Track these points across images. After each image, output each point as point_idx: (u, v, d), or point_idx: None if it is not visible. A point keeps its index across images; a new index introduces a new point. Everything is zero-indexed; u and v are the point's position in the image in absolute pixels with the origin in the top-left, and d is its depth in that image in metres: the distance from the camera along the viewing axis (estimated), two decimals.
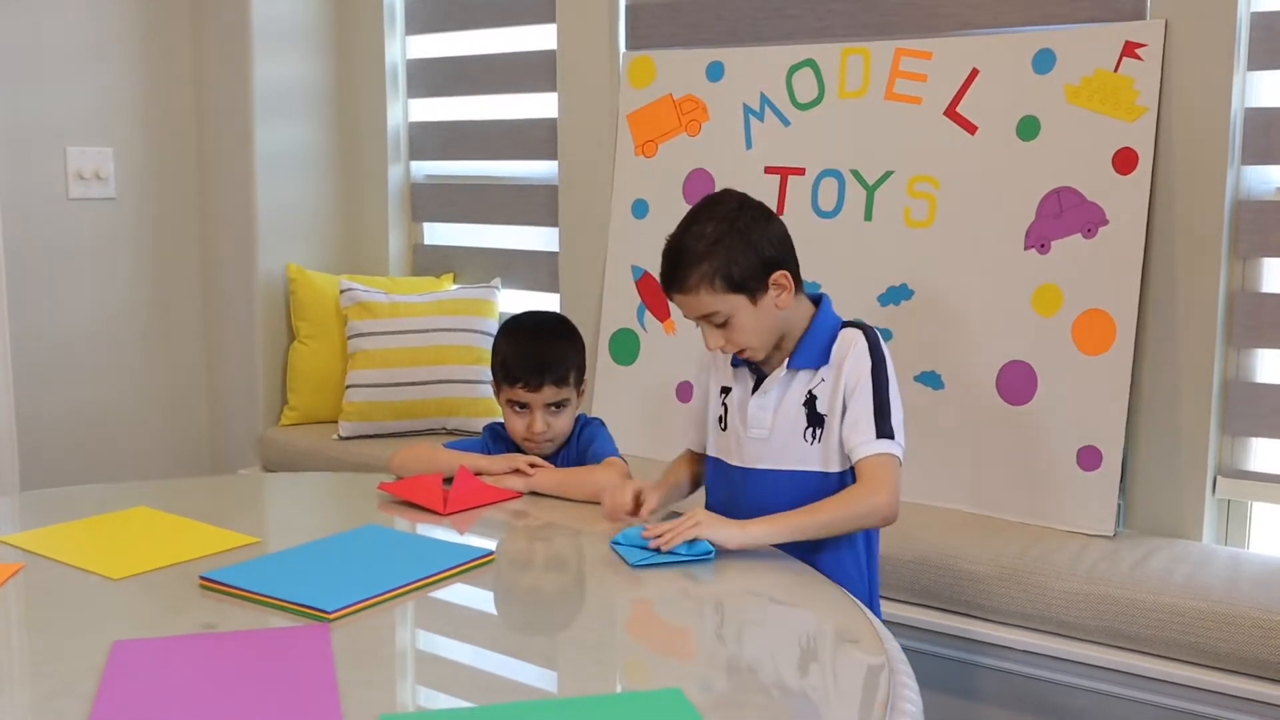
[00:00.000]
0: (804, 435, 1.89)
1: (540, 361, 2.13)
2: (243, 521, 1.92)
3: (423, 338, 3.26)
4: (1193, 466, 2.42)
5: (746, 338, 1.86)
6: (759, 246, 1.85)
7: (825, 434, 1.88)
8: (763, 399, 1.92)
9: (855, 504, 1.81)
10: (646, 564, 1.75)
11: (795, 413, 1.89)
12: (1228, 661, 2.07)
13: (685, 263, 1.84)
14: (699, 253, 1.83)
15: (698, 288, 1.83)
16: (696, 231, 1.85)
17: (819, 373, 1.89)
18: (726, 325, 1.85)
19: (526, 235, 3.44)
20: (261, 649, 1.42)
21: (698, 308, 1.86)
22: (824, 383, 1.88)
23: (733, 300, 1.84)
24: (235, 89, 3.44)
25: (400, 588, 1.61)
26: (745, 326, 1.85)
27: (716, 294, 1.83)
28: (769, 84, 2.86)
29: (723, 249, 1.83)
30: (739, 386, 1.96)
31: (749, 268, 1.84)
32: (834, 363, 1.88)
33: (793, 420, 1.90)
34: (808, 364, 1.89)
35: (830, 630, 1.60)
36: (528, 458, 2.13)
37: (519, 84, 3.38)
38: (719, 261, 1.82)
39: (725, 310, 1.84)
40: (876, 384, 1.85)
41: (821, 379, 1.88)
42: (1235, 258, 2.41)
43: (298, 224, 3.55)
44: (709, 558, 1.76)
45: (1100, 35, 2.45)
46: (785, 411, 1.90)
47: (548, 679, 1.45)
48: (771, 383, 1.91)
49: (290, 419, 3.44)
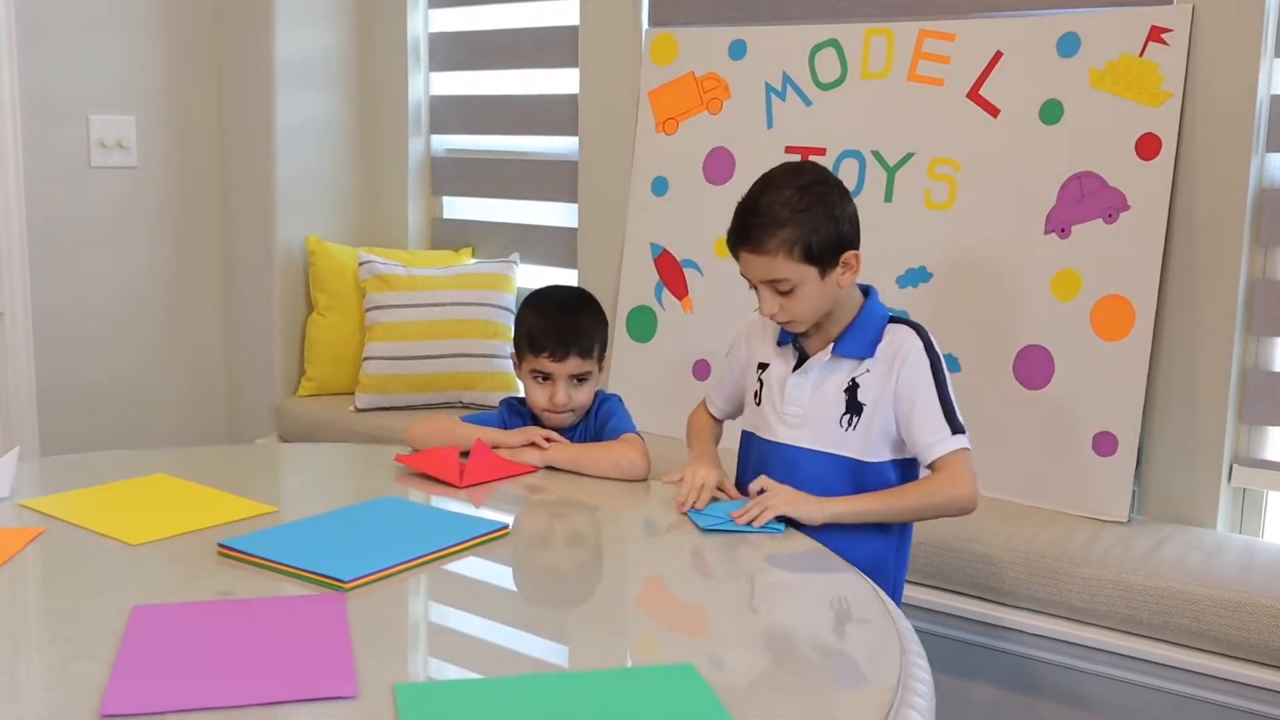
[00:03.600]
0: (840, 420, 1.89)
1: (566, 332, 2.13)
2: (260, 490, 1.93)
3: (441, 311, 3.26)
4: (1209, 454, 2.41)
5: (803, 309, 1.85)
6: (839, 221, 1.84)
7: (862, 423, 1.88)
8: (802, 378, 1.92)
9: (938, 493, 1.84)
10: (716, 529, 1.80)
11: (834, 397, 1.89)
12: (1240, 649, 2.07)
13: (766, 224, 1.81)
14: (782, 218, 1.81)
15: (776, 252, 1.81)
16: (781, 196, 1.82)
17: (864, 363, 1.88)
18: (789, 294, 1.83)
19: (546, 211, 3.44)
20: (278, 616, 1.42)
21: (768, 271, 1.83)
22: (869, 374, 1.88)
23: (804, 271, 1.82)
24: (257, 59, 3.44)
25: (415, 559, 1.61)
26: (807, 298, 1.84)
27: (792, 261, 1.81)
28: (791, 63, 2.85)
29: (806, 219, 1.81)
30: (779, 363, 1.96)
31: (828, 241, 1.82)
32: (882, 357, 1.87)
33: (830, 403, 1.90)
34: (854, 353, 1.89)
35: (843, 609, 1.60)
36: (544, 431, 2.13)
37: (541, 59, 3.37)
38: (802, 230, 1.80)
39: (795, 279, 1.82)
40: (938, 383, 1.85)
41: (867, 369, 1.88)
42: (1257, 246, 2.39)
43: (317, 195, 3.55)
44: (779, 530, 1.81)
45: (1126, 19, 2.43)
46: (824, 394, 1.90)
47: (559, 653, 1.46)
48: (814, 364, 1.90)
49: (308, 390, 3.45)
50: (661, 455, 2.34)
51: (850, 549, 1.80)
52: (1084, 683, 2.21)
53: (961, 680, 2.32)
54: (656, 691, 1.27)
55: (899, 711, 1.28)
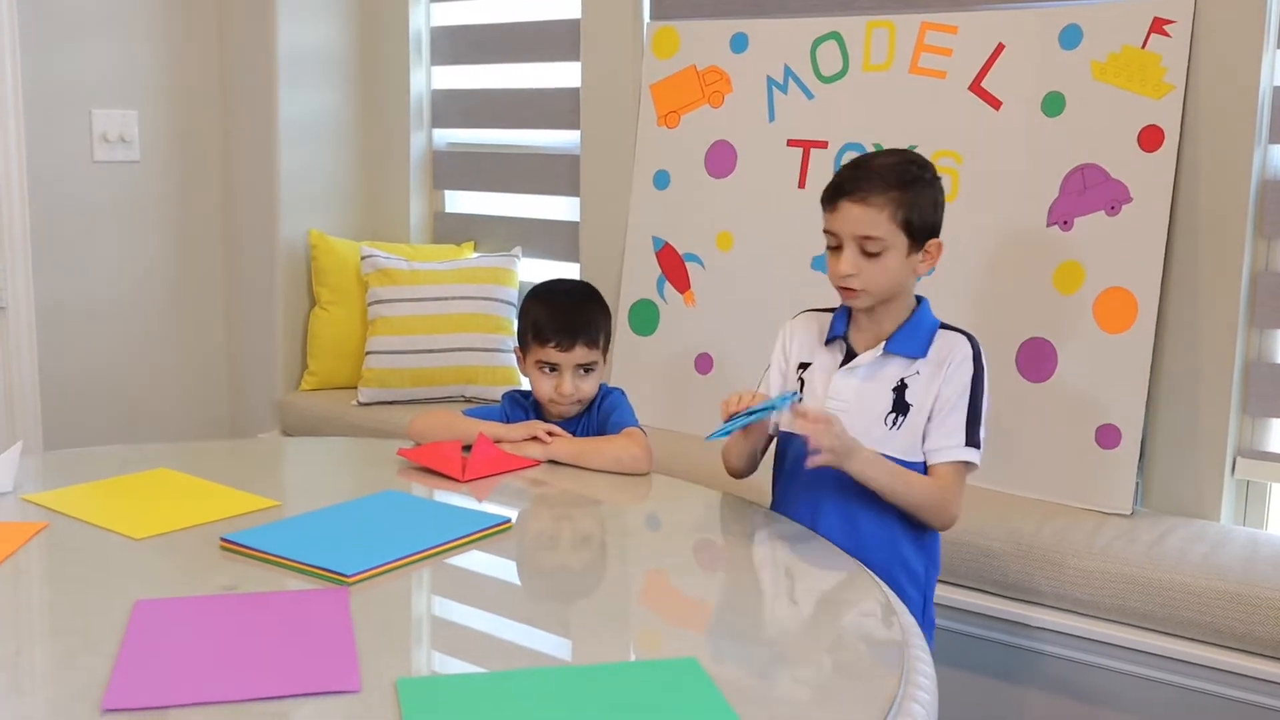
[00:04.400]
0: (884, 418, 1.87)
1: (573, 322, 2.14)
2: (263, 485, 1.93)
3: (443, 305, 3.26)
4: (1212, 446, 2.41)
5: (880, 279, 1.83)
6: (938, 208, 1.87)
7: (908, 424, 1.86)
8: (849, 373, 1.90)
9: (932, 496, 1.83)
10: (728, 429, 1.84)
11: (882, 394, 1.87)
12: (1243, 642, 2.07)
13: (877, 178, 1.82)
14: (894, 180, 1.82)
15: (882, 206, 1.81)
16: (895, 162, 1.85)
17: (915, 364, 1.87)
18: (874, 258, 1.82)
19: (548, 204, 3.43)
20: (281, 611, 1.42)
21: (865, 225, 1.81)
22: (919, 375, 1.86)
23: (898, 238, 1.82)
24: (259, 53, 3.43)
25: (418, 553, 1.61)
26: (889, 268, 1.83)
27: (892, 224, 1.81)
28: (793, 56, 2.84)
29: (914, 190, 1.83)
30: (825, 358, 1.94)
31: (926, 220, 1.84)
32: (933, 359, 1.86)
33: (876, 400, 1.87)
34: (907, 351, 1.87)
35: (846, 604, 1.60)
36: (547, 425, 2.13)
37: (542, 53, 3.36)
38: (909, 197, 1.82)
39: (887, 243, 1.82)
40: (974, 394, 1.85)
41: (917, 371, 1.87)
42: (1260, 238, 2.38)
43: (320, 190, 3.55)
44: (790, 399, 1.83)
45: (1128, 11, 2.42)
46: (871, 390, 1.88)
47: (562, 647, 1.45)
48: (863, 360, 1.89)
49: (310, 384, 3.44)
50: (664, 449, 2.34)
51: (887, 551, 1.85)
52: (1087, 675, 2.20)
53: (964, 673, 2.32)
54: (659, 685, 1.27)
55: (902, 705, 1.28)
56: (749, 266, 2.89)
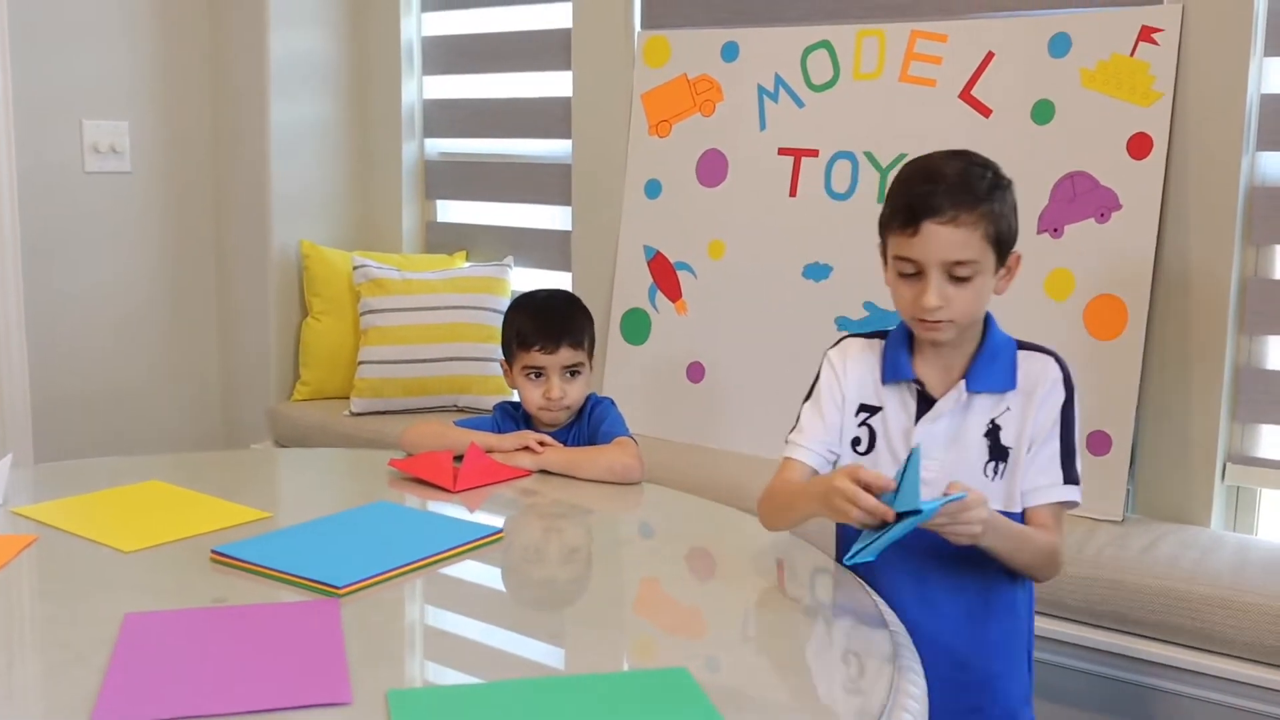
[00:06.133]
0: (984, 470, 1.61)
1: (555, 325, 2.16)
2: (254, 496, 1.92)
3: (435, 315, 3.25)
4: (1202, 452, 2.41)
5: (969, 306, 1.58)
6: (1016, 214, 1.62)
7: (1009, 470, 1.61)
8: (932, 426, 1.62)
9: (1045, 548, 1.58)
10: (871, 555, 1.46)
11: (975, 443, 1.62)
12: (1234, 648, 2.07)
13: (962, 192, 1.55)
14: (981, 191, 1.56)
15: (974, 224, 1.55)
16: (969, 169, 1.59)
17: (1005, 398, 1.62)
18: (963, 284, 1.57)
19: (539, 214, 3.44)
20: (271, 623, 1.42)
21: (958, 249, 1.55)
22: (1010, 411, 1.61)
23: (988, 258, 1.57)
24: (251, 64, 3.43)
25: (409, 564, 1.61)
26: (979, 293, 1.58)
27: (985, 242, 1.56)
28: (784, 65, 2.84)
29: (999, 199, 1.58)
30: (897, 409, 1.65)
31: (1011, 231, 1.60)
32: (1022, 389, 1.62)
33: (969, 451, 1.61)
34: (995, 386, 1.61)
35: (838, 612, 1.60)
36: (538, 435, 2.13)
37: (534, 62, 3.36)
38: (997, 208, 1.57)
39: (980, 264, 1.56)
40: (1066, 421, 1.61)
41: (1007, 407, 1.61)
42: (1249, 244, 2.39)
43: (312, 200, 3.55)
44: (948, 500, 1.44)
45: (1117, 19, 2.43)
46: (965, 444, 1.61)
47: (555, 656, 1.45)
48: (945, 408, 1.62)
49: (303, 394, 3.44)
50: (654, 459, 2.34)
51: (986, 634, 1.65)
52: (1079, 682, 2.20)
53: None
54: (650, 695, 1.27)
55: (891, 715, 1.28)
56: (740, 275, 2.90)
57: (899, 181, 1.65)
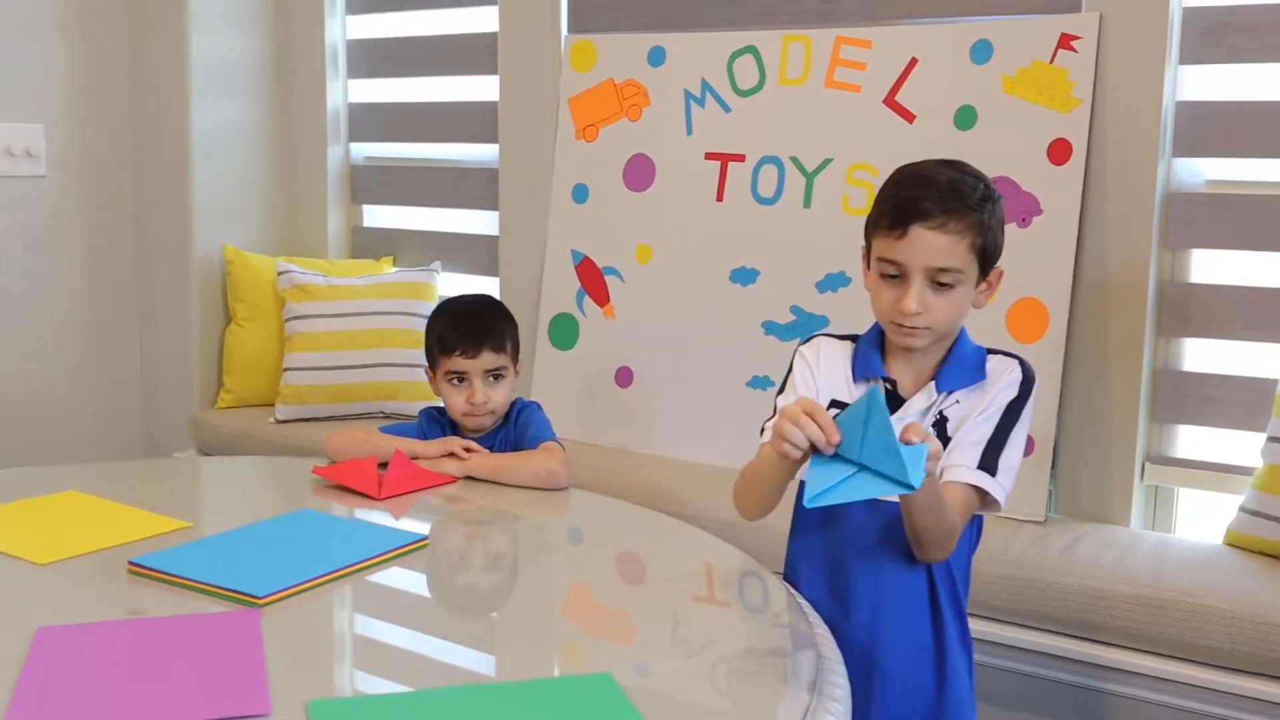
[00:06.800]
0: None
1: (477, 328, 2.17)
2: (175, 506, 1.89)
3: (361, 320, 3.23)
4: (1122, 453, 2.46)
5: (948, 316, 1.59)
6: (1003, 228, 1.63)
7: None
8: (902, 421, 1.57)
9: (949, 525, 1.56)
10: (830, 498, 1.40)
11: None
12: (1154, 644, 2.10)
13: (953, 199, 1.56)
14: (972, 200, 1.57)
15: (962, 234, 1.55)
16: (962, 179, 1.59)
17: (954, 394, 1.63)
18: (945, 291, 1.57)
19: (467, 218, 3.42)
20: (189, 635, 1.39)
21: (944, 256, 1.56)
22: (958, 404, 1.62)
23: (972, 269, 1.58)
24: (172, 66, 3.38)
25: (334, 572, 1.59)
26: (958, 302, 1.59)
27: (971, 252, 1.57)
28: (710, 70, 2.86)
29: (988, 211, 1.59)
30: None
31: (997, 245, 1.61)
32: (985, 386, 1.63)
33: None
34: (960, 387, 1.63)
35: (765, 615, 1.61)
36: (463, 441, 2.12)
37: (460, 66, 3.35)
38: (985, 219, 1.58)
39: (963, 274, 1.57)
40: (1009, 415, 1.61)
41: (956, 400, 1.63)
42: (1165, 249, 2.44)
43: (235, 204, 3.50)
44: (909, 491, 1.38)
45: (1036, 27, 2.47)
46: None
47: (484, 662, 1.44)
48: (915, 406, 1.63)
49: (226, 402, 3.39)
50: (582, 464, 2.34)
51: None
52: (1001, 681, 2.23)
53: None
54: (572, 701, 1.26)
55: (815, 716, 1.28)
56: (668, 280, 2.90)
57: (890, 184, 1.65)
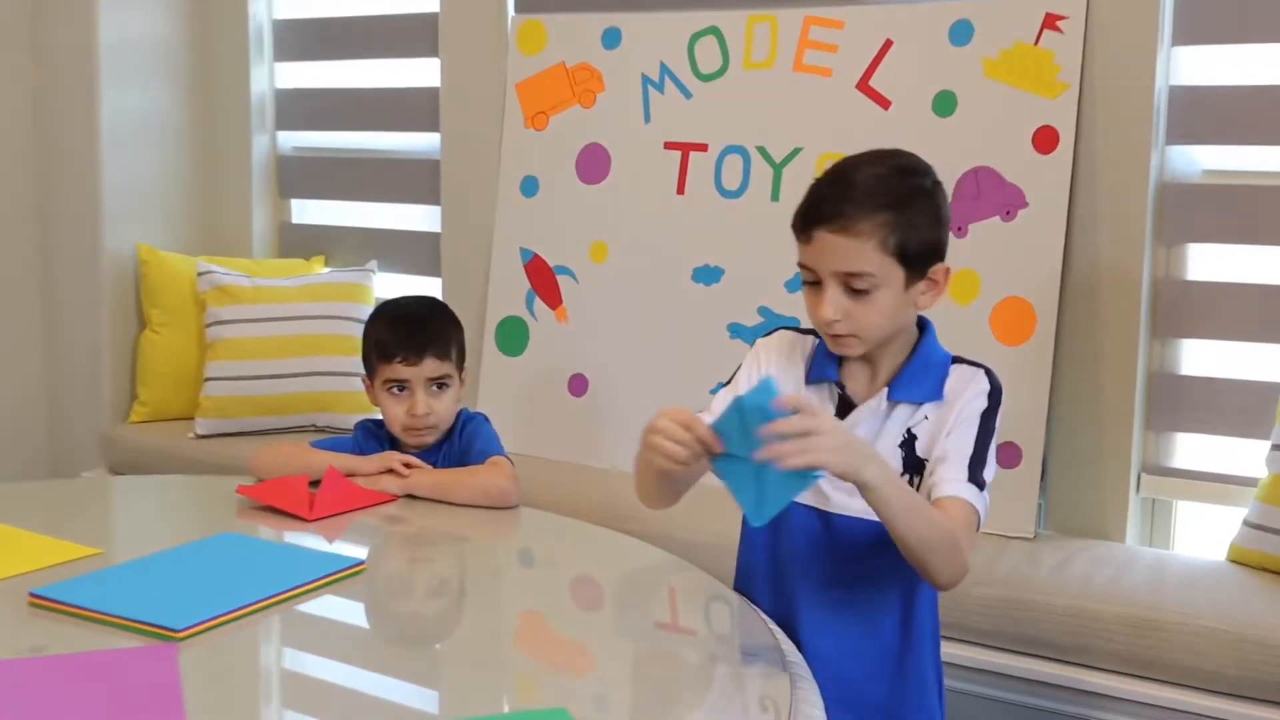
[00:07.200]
0: None
1: (419, 333, 2.14)
2: (83, 531, 1.85)
3: (290, 325, 3.20)
4: (1116, 464, 2.46)
5: (873, 322, 1.59)
6: (941, 225, 1.62)
7: (924, 485, 1.62)
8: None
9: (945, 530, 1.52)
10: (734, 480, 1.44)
11: (892, 455, 1.62)
12: (1152, 670, 2.10)
13: (861, 201, 1.56)
14: (882, 200, 1.56)
15: (868, 236, 1.55)
16: (881, 174, 1.60)
17: (922, 408, 1.63)
18: (863, 297, 1.57)
19: (405, 214, 3.41)
20: (98, 674, 1.36)
21: (850, 260, 1.56)
22: (927, 420, 1.63)
23: (892, 271, 1.57)
24: (78, 48, 3.34)
25: (260, 602, 1.56)
26: (882, 308, 1.58)
27: (883, 254, 1.56)
28: (669, 53, 2.85)
29: (909, 209, 1.58)
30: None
31: (926, 243, 1.59)
32: (947, 400, 1.63)
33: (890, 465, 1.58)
34: (917, 397, 1.64)
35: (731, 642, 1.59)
36: (403, 456, 2.10)
37: (398, 49, 3.33)
38: (902, 219, 1.56)
39: (879, 278, 1.56)
40: (984, 429, 1.62)
41: (925, 416, 1.63)
42: (1159, 243, 2.45)
43: (149, 200, 3.47)
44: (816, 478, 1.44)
45: (1020, 6, 2.48)
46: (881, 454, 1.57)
47: (429, 699, 1.42)
48: (865, 414, 1.64)
49: (141, 415, 3.35)
50: (533, 480, 2.31)
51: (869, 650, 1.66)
52: (989, 711, 2.22)
53: None
54: None
55: None
56: (625, 280, 2.88)
57: (813, 181, 1.66)
